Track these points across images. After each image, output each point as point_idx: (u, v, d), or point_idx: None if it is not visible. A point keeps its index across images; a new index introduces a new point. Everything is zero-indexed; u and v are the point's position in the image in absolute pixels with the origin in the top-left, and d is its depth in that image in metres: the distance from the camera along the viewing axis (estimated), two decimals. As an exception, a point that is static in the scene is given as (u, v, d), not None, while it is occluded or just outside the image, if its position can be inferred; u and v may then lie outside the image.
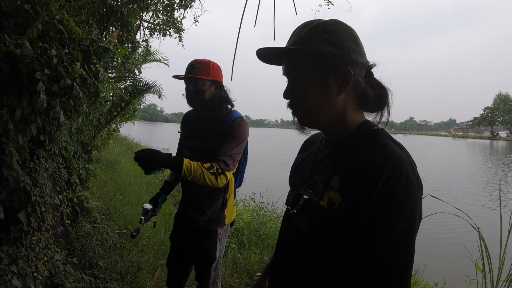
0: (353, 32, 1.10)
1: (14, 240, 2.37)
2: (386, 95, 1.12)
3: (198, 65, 2.37)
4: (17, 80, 2.07)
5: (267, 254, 4.27)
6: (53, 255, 2.85)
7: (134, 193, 6.10)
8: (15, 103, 2.05)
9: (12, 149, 2.17)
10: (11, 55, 1.99)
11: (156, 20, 7.23)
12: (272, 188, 6.97)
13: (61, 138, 3.30)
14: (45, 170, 2.80)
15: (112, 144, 11.97)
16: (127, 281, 3.36)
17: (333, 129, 1.14)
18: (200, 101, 2.39)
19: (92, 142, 4.46)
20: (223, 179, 2.23)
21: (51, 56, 2.09)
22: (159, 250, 4.08)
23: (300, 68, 1.10)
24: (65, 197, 3.45)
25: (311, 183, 1.16)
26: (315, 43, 1.05)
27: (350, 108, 1.10)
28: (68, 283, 2.88)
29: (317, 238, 1.08)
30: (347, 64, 1.05)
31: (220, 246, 2.51)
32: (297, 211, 1.16)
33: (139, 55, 7.17)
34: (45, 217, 2.70)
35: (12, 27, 2.13)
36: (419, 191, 0.96)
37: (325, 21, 1.09)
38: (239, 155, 2.33)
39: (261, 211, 6.33)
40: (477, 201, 11.67)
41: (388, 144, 1.00)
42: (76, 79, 2.26)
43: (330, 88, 1.06)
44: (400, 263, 0.94)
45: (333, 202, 1.03)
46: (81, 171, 4.05)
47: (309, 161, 1.25)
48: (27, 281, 2.37)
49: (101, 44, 2.53)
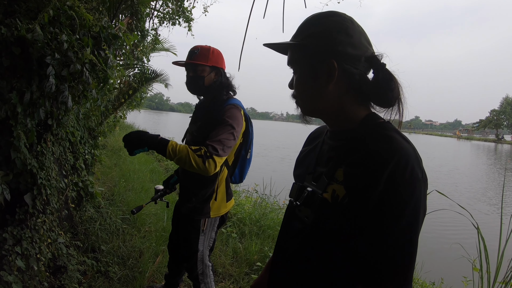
0: (344, 23, 1.07)
1: (19, 221, 2.40)
2: (393, 88, 1.06)
3: (197, 51, 2.37)
4: (27, 64, 2.09)
5: (268, 245, 4.31)
6: (56, 238, 2.88)
7: (138, 180, 6.15)
8: (25, 86, 2.07)
9: (20, 132, 2.19)
10: (22, 40, 2.01)
11: (166, 9, 7.21)
12: (274, 180, 6.99)
13: (69, 123, 3.32)
14: (52, 154, 2.82)
15: (118, 131, 12.04)
16: (129, 265, 3.40)
17: (336, 121, 1.14)
18: (199, 87, 2.40)
19: (98, 128, 4.49)
20: (211, 163, 2.14)
21: (61, 41, 2.10)
22: (161, 236, 4.12)
23: (294, 61, 1.14)
24: (70, 181, 3.48)
25: (316, 175, 1.16)
26: (303, 37, 1.09)
27: (348, 100, 1.10)
28: (70, 265, 2.93)
29: (320, 230, 1.08)
30: (333, 56, 1.04)
31: (203, 239, 2.46)
32: (300, 203, 1.15)
33: (148, 44, 7.18)
34: (50, 200, 2.72)
35: (24, 12, 2.14)
36: (424, 185, 0.95)
37: (317, 14, 1.11)
38: (230, 142, 2.23)
39: (263, 202, 6.36)
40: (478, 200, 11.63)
41: (394, 137, 0.99)
42: (85, 64, 2.27)
43: (319, 80, 1.08)
44: (402, 256, 0.94)
45: (336, 195, 1.03)
46: (87, 156, 4.08)
47: (314, 153, 1.25)
48: (31, 262, 2.40)
49: (111, 31, 2.54)
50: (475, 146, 57.71)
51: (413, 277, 0.97)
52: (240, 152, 2.53)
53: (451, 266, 4.90)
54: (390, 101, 1.07)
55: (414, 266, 0.97)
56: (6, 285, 2.11)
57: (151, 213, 4.80)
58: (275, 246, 1.34)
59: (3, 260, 2.20)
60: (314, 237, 1.10)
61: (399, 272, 0.95)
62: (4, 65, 2.02)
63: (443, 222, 7.32)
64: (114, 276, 3.18)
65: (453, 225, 7.05)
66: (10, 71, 2.07)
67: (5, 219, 2.35)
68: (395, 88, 1.06)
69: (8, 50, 2.01)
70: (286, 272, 1.20)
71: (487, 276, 3.20)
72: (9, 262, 2.22)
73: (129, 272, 3.28)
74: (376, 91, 1.07)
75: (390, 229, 0.93)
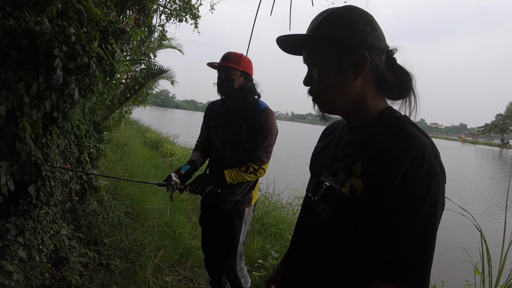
0: (369, 16, 1.09)
1: (23, 212, 2.41)
2: (409, 80, 1.10)
3: (231, 56, 2.50)
4: (35, 56, 2.11)
5: (269, 242, 4.32)
6: (59, 230, 2.90)
7: (142, 175, 6.18)
8: (32, 78, 2.09)
9: (26, 123, 2.21)
10: (30, 32, 2.03)
11: (173, 6, 7.24)
12: (278, 179, 6.99)
13: (74, 116, 3.34)
14: (57, 146, 2.84)
15: (123, 127, 12.07)
16: (130, 259, 3.42)
17: (354, 115, 1.14)
18: (229, 89, 2.51)
19: (104, 122, 4.50)
20: (262, 173, 2.50)
21: (69, 34, 2.12)
22: (163, 231, 4.15)
23: (316, 54, 1.11)
24: (74, 174, 3.50)
25: (333, 170, 1.16)
26: (329, 28, 1.06)
27: (370, 93, 1.10)
28: (72, 257, 2.95)
29: (338, 225, 1.08)
30: (362, 48, 1.04)
31: (244, 229, 2.64)
32: (318, 198, 1.16)
33: (155, 40, 7.20)
34: (54, 192, 2.75)
35: (32, 5, 2.16)
36: (441, 178, 0.96)
37: (340, 7, 1.10)
38: (271, 146, 2.52)
39: (266, 200, 6.37)
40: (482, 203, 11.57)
41: (411, 131, 0.99)
42: (93, 57, 2.30)
43: (347, 72, 1.06)
44: (419, 251, 0.94)
45: (355, 190, 1.03)
46: (92, 150, 4.10)
47: (331, 148, 1.25)
48: (32, 253, 2.42)
49: (118, 25, 2.56)
50: (480, 150, 57.34)
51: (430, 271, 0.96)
52: None
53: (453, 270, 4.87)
54: (406, 91, 1.10)
55: (432, 261, 0.96)
56: (8, 275, 2.13)
57: (154, 208, 4.83)
58: (291, 240, 1.34)
59: (6, 250, 2.22)
60: (332, 232, 1.10)
61: (415, 267, 0.94)
62: (12, 56, 2.04)
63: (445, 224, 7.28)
64: (116, 269, 3.20)
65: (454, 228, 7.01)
66: (18, 62, 2.09)
67: (9, 210, 2.36)
68: (410, 79, 1.10)
69: (16, 42, 2.03)
70: (304, 267, 1.19)
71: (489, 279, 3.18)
72: (11, 252, 2.24)
73: (130, 266, 3.30)
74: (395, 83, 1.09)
75: (408, 223, 0.93)
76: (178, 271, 3.57)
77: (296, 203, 6.66)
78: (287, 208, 6.32)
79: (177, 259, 3.74)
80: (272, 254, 3.91)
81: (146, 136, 14.61)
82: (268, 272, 3.65)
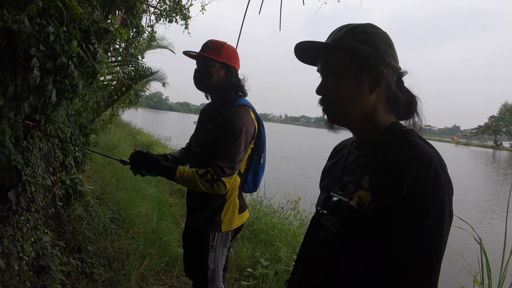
0: (388, 37, 1.15)
1: (1, 219, 2.32)
2: (416, 102, 1.16)
3: (211, 45, 2.18)
4: (14, 56, 2.03)
5: (259, 250, 4.21)
6: (41, 237, 2.81)
7: (131, 179, 6.07)
8: (9, 79, 2.01)
9: (6, 126, 2.13)
10: (9, 31, 1.94)
11: (163, 6, 7.17)
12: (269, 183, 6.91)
13: (58, 119, 3.25)
14: (39, 150, 2.76)
15: (114, 129, 11.99)
16: (114, 267, 3.31)
17: (362, 129, 1.17)
18: (206, 84, 2.20)
19: (90, 125, 4.41)
20: (220, 186, 2.02)
21: (48, 33, 2.04)
22: (149, 238, 4.03)
23: (335, 63, 1.14)
24: (58, 178, 3.41)
25: (342, 184, 1.18)
26: (352, 41, 1.10)
27: (381, 109, 1.14)
28: (53, 266, 2.85)
29: (347, 238, 1.09)
30: (381, 64, 1.09)
31: (214, 256, 2.20)
32: (326, 212, 1.18)
33: (143, 40, 7.12)
34: (35, 198, 2.66)
35: (13, 3, 2.08)
36: (448, 188, 0.97)
37: (363, 24, 1.15)
38: (239, 155, 2.07)
39: (257, 205, 6.29)
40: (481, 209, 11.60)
41: (417, 142, 1.03)
42: (73, 58, 2.21)
43: (363, 85, 1.10)
44: (427, 258, 0.95)
45: (363, 202, 1.05)
46: (77, 153, 4.01)
47: (340, 164, 1.27)
48: (11, 261, 2.33)
49: (102, 25, 2.47)
50: (473, 152, 57.84)
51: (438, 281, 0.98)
52: (252, 158, 2.30)
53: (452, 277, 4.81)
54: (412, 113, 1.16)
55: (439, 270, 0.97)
56: None
57: (142, 213, 4.73)
58: (297, 255, 1.35)
59: (-18, 258, 2.13)
60: (341, 245, 1.11)
61: (423, 276, 0.95)
62: (-11, 56, 1.95)
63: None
64: (99, 278, 3.10)
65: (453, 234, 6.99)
66: (-4, 62, 2.00)
67: (-13, 217, 2.28)
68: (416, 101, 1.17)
69: (-6, 41, 1.94)
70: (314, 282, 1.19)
71: None
72: (-12, 260, 2.15)
73: (114, 275, 3.19)
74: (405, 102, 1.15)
75: (413, 231, 0.95)
76: (164, 280, 3.46)
77: (288, 207, 6.60)
78: (279, 213, 6.25)
79: (163, 267, 3.62)
80: (262, 263, 3.81)
81: (137, 139, 14.53)
82: (257, 281, 3.53)
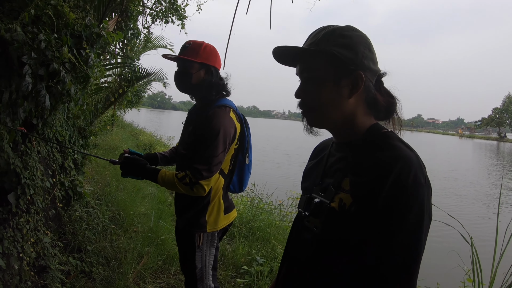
0: (368, 39, 1.14)
1: (2, 221, 2.40)
2: (395, 104, 1.16)
3: (188, 46, 2.19)
4: (7, 64, 2.09)
5: (255, 247, 4.27)
6: (42, 237, 2.89)
7: (131, 180, 6.12)
8: (3, 86, 2.07)
9: (3, 131, 2.20)
10: (2, 39, 2.01)
11: (159, 7, 7.21)
12: (266, 181, 6.95)
13: (56, 123, 3.31)
14: (37, 153, 2.83)
15: (115, 130, 12.05)
16: (112, 266, 3.39)
17: (342, 131, 1.18)
18: (186, 85, 2.21)
19: (89, 127, 4.47)
20: (199, 189, 2.04)
21: (39, 41, 2.10)
22: (147, 237, 4.10)
23: (314, 68, 1.13)
24: (57, 181, 3.48)
25: (323, 186, 1.19)
26: (331, 46, 1.09)
27: (360, 111, 1.14)
28: (53, 265, 2.93)
29: (329, 239, 1.10)
30: (360, 68, 1.09)
31: (201, 255, 2.23)
32: (308, 214, 1.18)
33: (140, 42, 7.16)
34: (34, 200, 2.74)
35: (7, 12, 2.15)
36: (427, 190, 0.98)
37: (342, 26, 1.14)
38: (218, 157, 2.07)
39: (259, 202, 6.34)
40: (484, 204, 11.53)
41: (397, 145, 1.04)
42: (65, 63, 2.27)
43: (342, 90, 1.10)
44: (406, 260, 0.96)
45: (344, 203, 1.06)
46: (76, 156, 4.07)
47: (321, 165, 1.28)
48: (12, 261, 2.41)
49: (94, 29, 2.53)
50: (477, 144, 57.27)
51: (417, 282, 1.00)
52: (236, 158, 2.31)
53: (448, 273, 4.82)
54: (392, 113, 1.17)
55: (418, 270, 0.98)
56: None
57: (141, 213, 4.81)
58: (282, 257, 1.35)
59: (-17, 259, 2.20)
60: (323, 246, 1.12)
61: (403, 276, 0.97)
62: (-15, 65, 2.02)
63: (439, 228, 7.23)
64: (97, 277, 3.18)
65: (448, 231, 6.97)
66: (-9, 70, 2.07)
67: (-12, 219, 2.36)
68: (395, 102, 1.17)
69: (-11, 50, 2.01)
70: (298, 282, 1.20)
71: None
72: (-12, 260, 2.22)
73: (112, 273, 3.27)
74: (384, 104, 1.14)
75: (394, 233, 0.96)
76: (161, 278, 3.53)
77: (288, 204, 6.61)
78: (279, 209, 6.28)
79: (160, 265, 3.69)
80: (258, 260, 3.87)
81: (139, 139, 14.56)
82: (252, 278, 3.59)
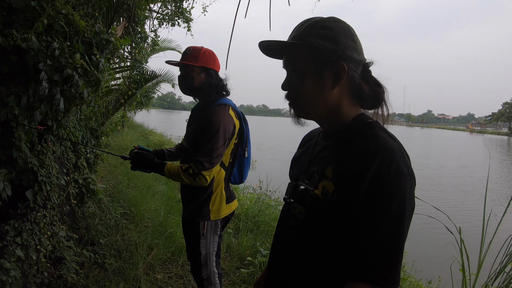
0: (351, 30, 1.14)
1: (21, 215, 2.57)
2: (382, 92, 1.15)
3: (189, 52, 2.39)
4: (24, 71, 2.26)
5: (260, 240, 4.44)
6: (57, 231, 3.07)
7: (142, 178, 6.34)
8: (22, 91, 2.25)
9: (21, 133, 2.36)
10: (19, 48, 2.17)
11: (165, 11, 7.39)
12: (271, 177, 7.05)
13: (69, 124, 3.49)
14: (52, 153, 2.98)
15: (126, 131, 12.25)
16: (123, 257, 3.57)
17: (328, 121, 1.19)
18: (188, 88, 2.42)
19: (101, 128, 4.66)
20: (202, 179, 2.23)
21: (53, 48, 2.28)
22: (157, 231, 4.29)
23: (298, 61, 1.14)
24: (72, 178, 3.66)
25: (309, 174, 1.21)
26: (312, 38, 1.09)
27: (345, 102, 1.14)
28: (68, 256, 3.11)
29: (312, 226, 1.12)
30: (342, 59, 1.09)
31: (205, 242, 2.42)
32: (294, 201, 1.22)
33: (148, 46, 7.34)
34: (50, 196, 2.89)
35: (21, 22, 2.28)
36: (409, 181, 0.99)
37: (324, 18, 1.14)
38: (218, 149, 2.26)
39: (265, 198, 6.45)
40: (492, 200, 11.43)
41: (380, 135, 1.05)
42: (78, 69, 2.44)
43: (325, 81, 1.10)
44: (389, 250, 0.97)
45: (326, 191, 1.08)
46: (89, 155, 4.25)
47: (308, 154, 1.29)
48: (30, 252, 2.57)
49: (103, 36, 2.71)
50: (487, 140, 56.02)
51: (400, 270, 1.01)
52: (236, 152, 2.52)
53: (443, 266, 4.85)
54: (379, 103, 1.16)
55: (401, 259, 1.00)
56: (6, 272, 2.30)
57: (151, 209, 5.01)
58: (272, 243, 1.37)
59: (4, 249, 2.38)
60: (307, 232, 1.14)
61: (387, 265, 0.98)
62: (3, 72, 2.20)
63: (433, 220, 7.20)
64: (110, 267, 3.36)
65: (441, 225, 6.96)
66: (9, 77, 2.24)
67: (8, 213, 2.54)
68: (383, 91, 1.16)
69: (7, 58, 2.18)
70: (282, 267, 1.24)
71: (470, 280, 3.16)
72: (9, 251, 2.40)
73: (123, 264, 3.45)
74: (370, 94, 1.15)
75: (377, 223, 0.97)
76: (170, 268, 3.69)
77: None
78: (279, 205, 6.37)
79: (169, 257, 3.84)
80: (261, 252, 4.02)
81: (150, 139, 14.73)
82: (256, 269, 3.76)
